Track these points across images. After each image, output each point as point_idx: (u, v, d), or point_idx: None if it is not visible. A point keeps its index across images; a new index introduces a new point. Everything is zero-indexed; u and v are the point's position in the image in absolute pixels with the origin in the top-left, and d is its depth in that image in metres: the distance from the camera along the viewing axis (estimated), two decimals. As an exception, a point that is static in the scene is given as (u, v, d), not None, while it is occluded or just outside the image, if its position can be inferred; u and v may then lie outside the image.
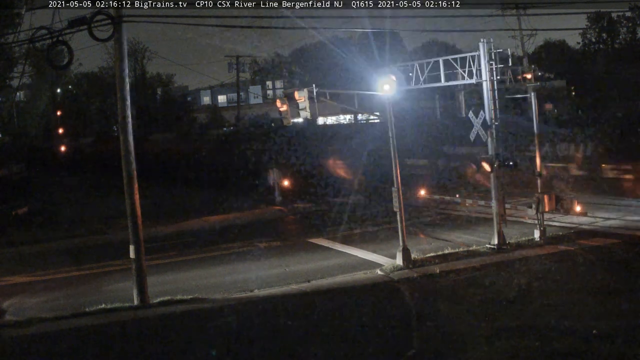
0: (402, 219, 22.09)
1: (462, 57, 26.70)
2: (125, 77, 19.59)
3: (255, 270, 22.97)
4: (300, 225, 31.69)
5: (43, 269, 24.81)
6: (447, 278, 20.24)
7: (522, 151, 32.93)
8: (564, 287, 18.45)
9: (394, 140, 22.28)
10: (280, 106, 25.87)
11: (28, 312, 19.19)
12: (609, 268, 20.02)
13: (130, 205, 19.48)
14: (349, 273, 21.65)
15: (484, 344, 14.71)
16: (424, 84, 25.47)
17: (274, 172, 37.89)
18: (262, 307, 18.63)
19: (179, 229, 32.07)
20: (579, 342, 14.38)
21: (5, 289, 22.23)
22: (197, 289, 20.37)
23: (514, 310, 16.74)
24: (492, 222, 23.83)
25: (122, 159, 19.50)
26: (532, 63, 47.80)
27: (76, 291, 21.60)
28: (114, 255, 25.01)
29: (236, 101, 77.99)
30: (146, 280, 19.47)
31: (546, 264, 20.81)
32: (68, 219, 35.90)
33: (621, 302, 16.83)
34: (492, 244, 23.47)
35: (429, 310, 17.52)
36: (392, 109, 22.64)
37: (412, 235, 25.23)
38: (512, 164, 23.53)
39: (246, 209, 36.36)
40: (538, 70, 27.23)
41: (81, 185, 55.79)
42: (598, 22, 73.76)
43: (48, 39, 18.56)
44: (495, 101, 23.63)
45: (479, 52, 23.85)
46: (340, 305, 18.53)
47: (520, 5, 51.34)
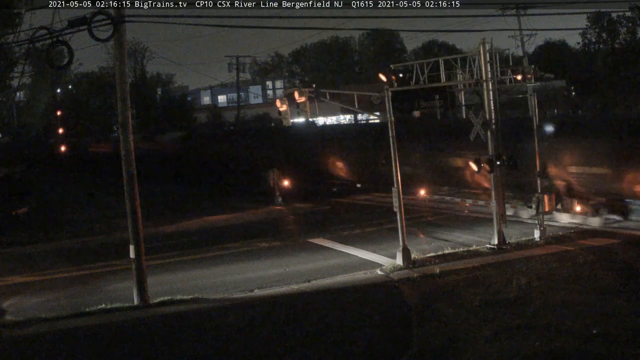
0: (402, 219, 22.10)
1: (462, 57, 26.76)
2: (125, 77, 19.61)
3: (255, 270, 22.98)
4: (300, 225, 31.69)
5: (43, 269, 24.81)
6: (447, 278, 20.23)
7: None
8: (564, 287, 18.45)
9: (394, 140, 22.28)
10: (280, 106, 25.94)
11: (28, 312, 19.18)
12: (609, 268, 20.01)
13: (130, 205, 19.48)
14: (349, 273, 21.65)
15: (484, 344, 14.72)
16: (424, 84, 25.48)
17: (274, 172, 37.90)
18: (262, 307, 18.63)
19: (179, 229, 32.08)
20: (579, 342, 14.38)
21: (5, 289, 22.23)
22: (197, 289, 20.38)
23: (514, 310, 16.74)
24: (492, 222, 23.84)
25: (122, 159, 19.51)
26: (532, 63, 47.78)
27: (76, 291, 21.60)
28: (114, 255, 25.01)
29: (236, 101, 78.04)
30: (146, 280, 19.47)
31: (546, 264, 20.81)
32: (68, 219, 35.91)
33: (621, 302, 16.83)
34: (492, 243, 23.48)
35: (429, 310, 17.51)
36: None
37: (412, 235, 25.23)
38: (513, 164, 23.55)
39: (246, 209, 36.38)
40: (538, 70, 27.29)
41: (81, 185, 55.84)
42: (598, 22, 73.77)
43: (48, 39, 18.56)
44: (496, 101, 23.64)
45: (479, 52, 23.88)
46: (341, 306, 18.54)
47: (520, 5, 51.43)
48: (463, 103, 36.03)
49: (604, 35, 76.17)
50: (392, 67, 26.63)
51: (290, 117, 37.10)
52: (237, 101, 76.66)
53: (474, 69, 24.74)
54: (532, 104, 24.67)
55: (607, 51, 71.63)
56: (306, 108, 26.10)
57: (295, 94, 25.07)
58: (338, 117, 68.28)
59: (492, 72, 23.82)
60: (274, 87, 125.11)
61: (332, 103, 29.99)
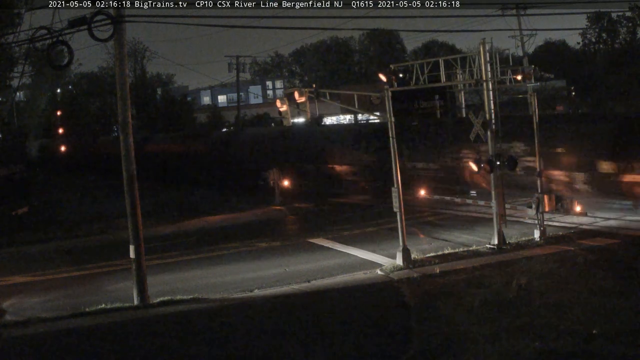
0: (402, 219, 22.10)
1: (462, 57, 26.77)
2: (125, 77, 19.61)
3: (255, 270, 22.97)
4: (300, 225, 31.67)
5: (43, 269, 24.79)
6: (447, 278, 20.23)
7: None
8: (564, 287, 18.44)
9: (394, 141, 22.29)
10: (280, 106, 25.96)
11: (28, 312, 19.18)
12: (609, 268, 20.00)
13: (130, 205, 19.48)
14: (349, 273, 21.64)
15: (484, 344, 14.71)
16: (424, 84, 25.49)
17: (274, 172, 37.89)
18: (262, 307, 18.63)
19: (179, 229, 32.06)
20: (579, 342, 14.39)
21: (5, 289, 22.23)
22: (197, 289, 20.37)
23: (514, 310, 16.73)
24: (492, 222, 23.83)
25: (122, 159, 19.51)
26: (532, 63, 47.81)
27: (76, 291, 21.59)
28: (114, 255, 25.00)
29: (236, 101, 78.03)
30: (146, 280, 19.47)
31: (546, 264, 20.80)
32: (68, 219, 35.91)
33: (621, 302, 16.83)
34: (492, 244, 23.48)
35: (429, 310, 17.51)
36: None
37: (412, 235, 25.22)
38: (513, 164, 23.54)
39: (246, 209, 36.37)
40: (538, 70, 27.31)
41: (81, 185, 55.83)
42: (598, 22, 73.83)
43: (48, 39, 18.58)
44: (496, 101, 23.64)
45: (479, 52, 23.88)
46: (340, 306, 18.53)
47: (520, 5, 51.45)
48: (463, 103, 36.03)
49: (604, 35, 76.23)
50: (392, 67, 26.62)
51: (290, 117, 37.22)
52: (237, 101, 76.60)
53: (474, 69, 24.77)
54: (532, 104, 24.68)
55: (607, 51, 71.70)
56: (306, 108, 26.11)
57: (295, 94, 25.13)
58: (338, 118, 68.33)
59: (492, 72, 23.84)
60: (274, 87, 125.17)
61: (332, 103, 29.99)
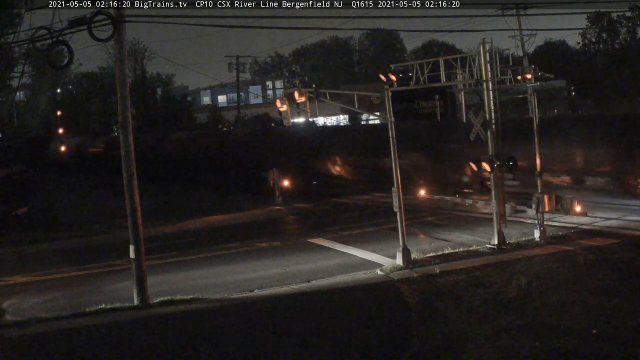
0: (402, 219, 22.09)
1: (462, 57, 26.71)
2: (125, 77, 19.61)
3: (255, 270, 22.97)
4: (300, 225, 31.68)
5: (43, 269, 24.78)
6: (447, 278, 20.23)
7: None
8: (564, 287, 18.44)
9: (394, 140, 22.28)
10: (280, 106, 25.90)
11: (28, 312, 19.19)
12: (609, 268, 20.00)
13: (130, 205, 19.48)
14: (349, 273, 21.64)
15: (484, 344, 14.72)
16: (424, 84, 25.46)
17: (274, 172, 37.89)
18: (262, 307, 18.63)
19: (179, 229, 32.08)
20: (579, 342, 14.39)
21: (5, 289, 22.22)
22: (197, 289, 20.37)
23: (514, 310, 16.74)
24: (492, 222, 23.83)
25: (122, 159, 19.51)
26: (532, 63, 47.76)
27: (76, 291, 21.59)
28: (114, 255, 25.01)
29: (236, 101, 78.07)
30: (146, 280, 19.47)
31: (546, 264, 20.80)
32: (68, 219, 35.92)
33: (621, 302, 16.82)
34: (492, 244, 23.47)
35: (429, 310, 17.50)
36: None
37: (412, 235, 25.22)
38: (513, 163, 23.54)
39: (246, 209, 36.37)
40: (538, 70, 27.27)
41: (81, 185, 55.83)
42: (598, 22, 73.83)
43: (48, 39, 18.55)
44: (496, 101, 23.62)
45: (479, 52, 23.87)
46: (340, 306, 18.53)
47: (520, 5, 51.40)
48: (463, 103, 36.05)
49: (604, 35, 76.22)
50: (392, 67, 26.60)
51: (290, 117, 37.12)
52: (237, 101, 76.67)
53: (474, 69, 24.71)
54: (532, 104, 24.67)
55: (607, 51, 71.72)
56: (306, 108, 26.04)
57: (295, 94, 25.00)
58: (338, 118, 68.33)
59: (492, 72, 23.81)
60: (274, 87, 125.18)
61: (332, 103, 29.97)
